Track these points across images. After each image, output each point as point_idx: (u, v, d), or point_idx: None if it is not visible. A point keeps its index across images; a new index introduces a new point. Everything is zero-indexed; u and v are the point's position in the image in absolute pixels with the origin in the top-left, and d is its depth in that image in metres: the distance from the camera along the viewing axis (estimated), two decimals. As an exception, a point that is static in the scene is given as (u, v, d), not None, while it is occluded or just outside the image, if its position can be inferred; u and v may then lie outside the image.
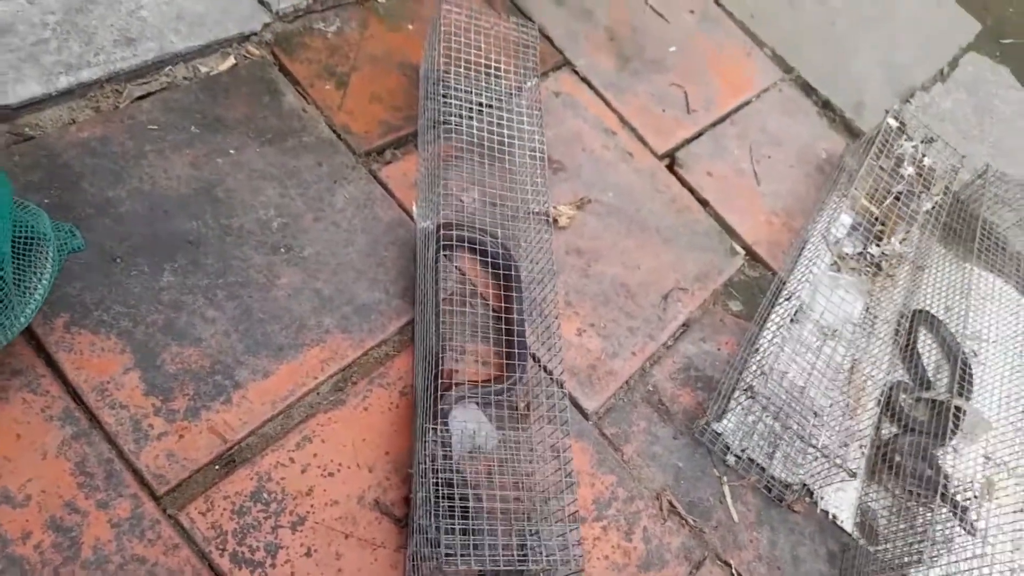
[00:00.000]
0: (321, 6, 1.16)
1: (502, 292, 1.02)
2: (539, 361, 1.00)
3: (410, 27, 1.23)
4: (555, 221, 1.15)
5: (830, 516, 1.07)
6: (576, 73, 1.36)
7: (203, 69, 1.03)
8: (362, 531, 0.82)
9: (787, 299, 1.22)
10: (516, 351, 0.97)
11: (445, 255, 1.00)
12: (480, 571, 0.78)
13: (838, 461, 1.01)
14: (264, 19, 1.10)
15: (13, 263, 0.74)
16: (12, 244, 0.74)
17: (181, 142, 0.96)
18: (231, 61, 1.05)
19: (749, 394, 1.07)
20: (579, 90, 1.34)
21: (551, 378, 0.99)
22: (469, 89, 1.09)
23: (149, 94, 0.98)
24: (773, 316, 1.20)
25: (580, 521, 0.92)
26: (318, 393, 0.88)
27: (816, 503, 1.08)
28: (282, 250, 0.95)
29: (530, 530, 0.84)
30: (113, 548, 0.72)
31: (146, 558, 0.72)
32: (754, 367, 1.10)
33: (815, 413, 1.08)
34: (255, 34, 1.09)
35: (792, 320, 1.20)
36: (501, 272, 1.02)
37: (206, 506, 0.77)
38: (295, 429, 0.85)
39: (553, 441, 0.90)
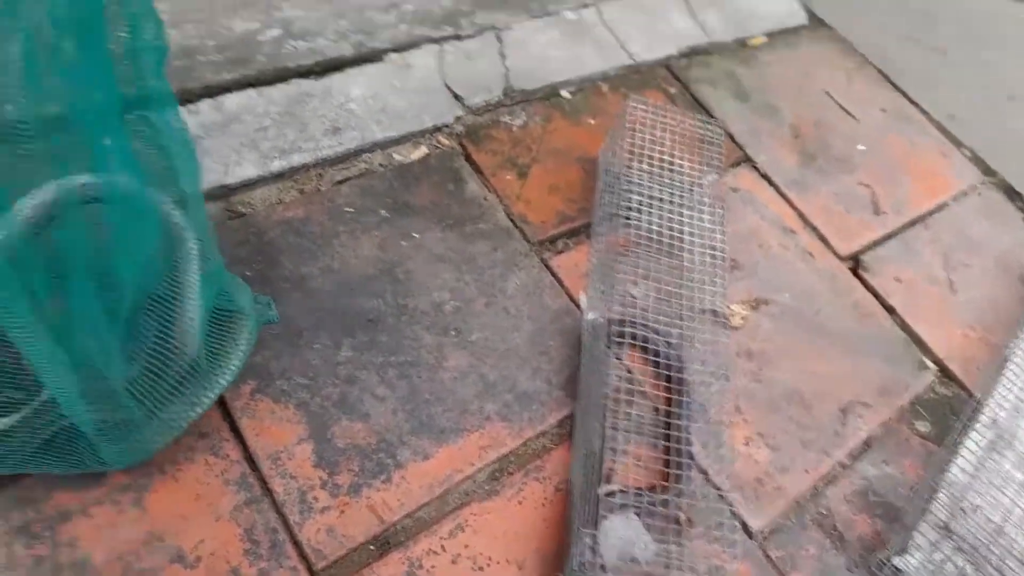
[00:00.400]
0: (510, 101, 1.22)
1: (670, 394, 0.96)
2: (705, 471, 0.92)
3: (592, 121, 1.25)
4: (727, 320, 1.08)
5: None
6: (756, 169, 1.31)
7: (397, 157, 1.10)
8: (507, 637, 0.78)
9: (985, 424, 1.07)
10: (682, 460, 0.91)
11: (613, 351, 0.96)
12: None
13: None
14: (457, 112, 1.16)
15: (214, 334, 0.80)
16: (215, 315, 0.80)
17: (371, 224, 1.01)
18: (423, 150, 1.11)
19: (943, 532, 0.92)
20: (759, 187, 1.29)
21: (718, 492, 0.91)
22: (650, 183, 1.08)
23: (348, 179, 1.05)
24: (968, 442, 1.05)
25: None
26: (474, 480, 0.87)
27: None
28: (452, 332, 0.96)
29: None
30: (269, 619, 0.72)
31: (297, 635, 0.72)
32: (947, 500, 0.96)
33: (1018, 559, 0.92)
34: (447, 126, 1.15)
35: (990, 449, 1.04)
36: (669, 373, 0.97)
37: (358, 588, 0.76)
38: (449, 516, 0.83)
39: (717, 562, 0.81)
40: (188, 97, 1.01)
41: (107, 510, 0.74)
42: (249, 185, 0.99)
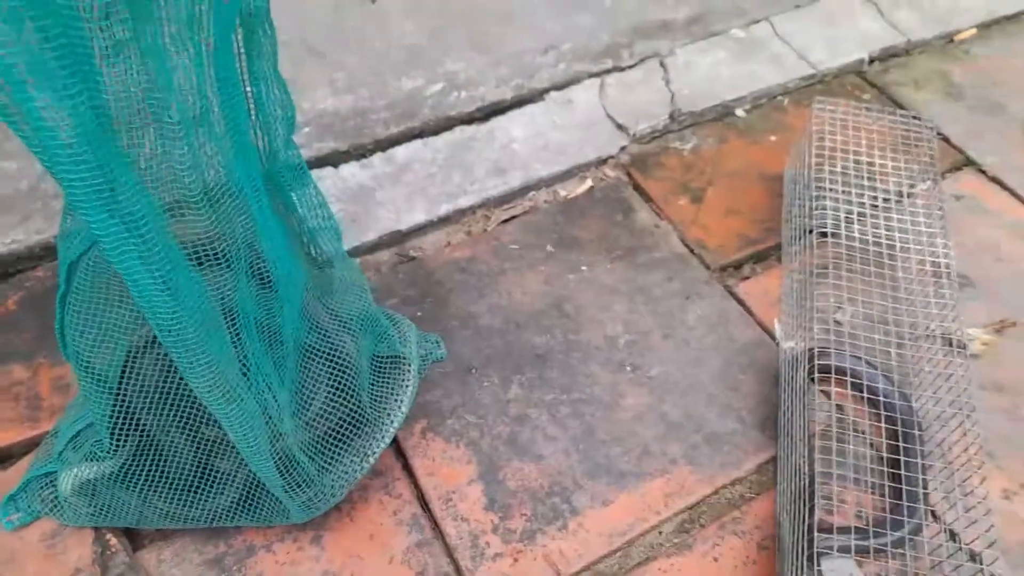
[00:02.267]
0: (678, 126, 1.15)
1: (890, 431, 0.80)
2: (950, 528, 0.75)
3: (772, 138, 1.15)
4: (964, 347, 0.90)
5: None
6: (983, 173, 1.12)
7: (562, 192, 1.07)
8: None
9: None
10: (906, 503, 0.74)
11: (820, 389, 0.83)
12: None
13: None
14: (621, 142, 1.11)
15: (380, 381, 0.79)
16: (381, 361, 0.80)
17: (537, 260, 0.98)
18: (588, 184, 1.07)
19: None
20: (988, 192, 1.09)
21: (970, 550, 0.73)
22: (848, 191, 0.95)
23: (513, 217, 1.04)
24: None
25: None
26: (660, 532, 0.77)
27: None
28: (628, 368, 0.88)
29: None
30: (441, 674, 0.67)
31: None
32: None
33: None
34: (612, 157, 1.10)
35: None
36: (888, 410, 0.82)
37: (534, 646, 0.69)
38: (634, 571, 0.74)
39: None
40: (362, 152, 1.06)
41: (289, 547, 0.74)
42: (420, 230, 1.01)
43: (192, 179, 0.54)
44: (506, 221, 1.03)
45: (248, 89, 0.59)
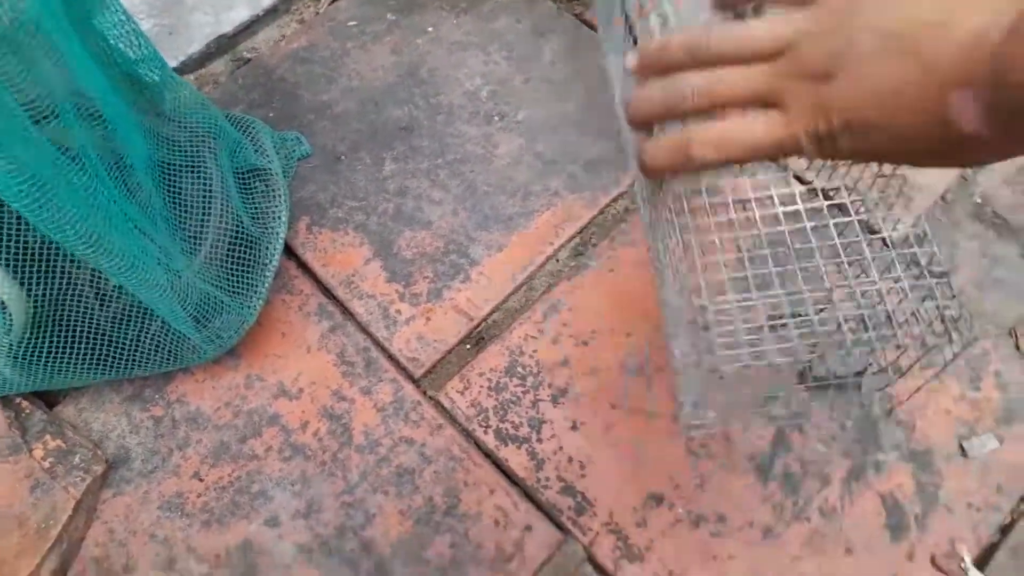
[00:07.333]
0: None
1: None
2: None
3: None
4: None
5: None
6: None
7: (389, -45, 0.99)
8: (631, 401, 0.73)
9: None
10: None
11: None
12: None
13: None
14: None
15: (248, 200, 0.76)
16: (243, 179, 0.76)
17: (380, 32, 0.93)
18: (414, -60, 0.99)
19: None
20: None
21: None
22: None
23: (344, -7, 0.96)
24: None
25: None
26: (557, 260, 0.81)
27: None
28: (495, 118, 0.87)
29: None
30: (382, 432, 0.72)
31: (414, 439, 0.71)
32: None
33: None
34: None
35: None
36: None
37: (463, 385, 0.74)
38: (540, 300, 0.78)
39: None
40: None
41: (205, 364, 0.74)
42: (248, 28, 0.93)
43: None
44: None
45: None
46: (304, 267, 0.80)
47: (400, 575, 0.66)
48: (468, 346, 0.76)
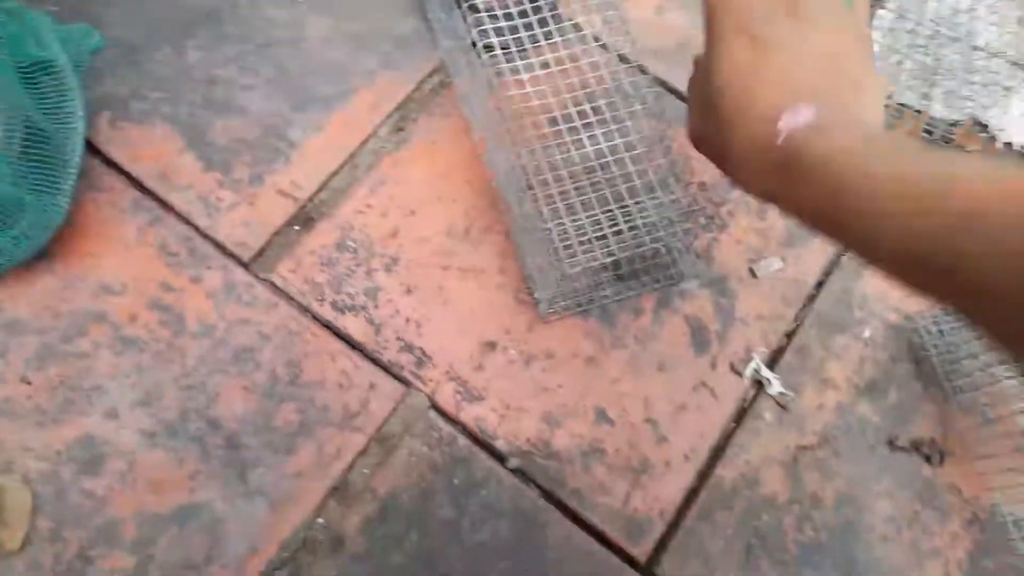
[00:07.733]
0: None
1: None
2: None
3: None
4: None
5: None
6: None
7: None
8: (460, 261, 0.77)
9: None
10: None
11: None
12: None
13: None
14: None
15: (36, 96, 0.71)
16: (27, 76, 0.71)
17: (167, -86, 0.87)
18: None
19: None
20: None
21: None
22: None
23: None
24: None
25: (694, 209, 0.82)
26: (378, 136, 0.82)
27: None
28: (301, 0, 0.86)
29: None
30: (216, 316, 0.72)
31: (249, 319, 0.72)
32: None
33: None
34: None
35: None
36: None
37: (294, 264, 0.75)
38: (365, 177, 0.80)
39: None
40: None
41: (15, 271, 0.71)
42: (12, -84, 0.84)
43: None
44: None
45: None
46: (111, 164, 0.76)
47: (251, 445, 0.68)
48: (296, 227, 0.77)
